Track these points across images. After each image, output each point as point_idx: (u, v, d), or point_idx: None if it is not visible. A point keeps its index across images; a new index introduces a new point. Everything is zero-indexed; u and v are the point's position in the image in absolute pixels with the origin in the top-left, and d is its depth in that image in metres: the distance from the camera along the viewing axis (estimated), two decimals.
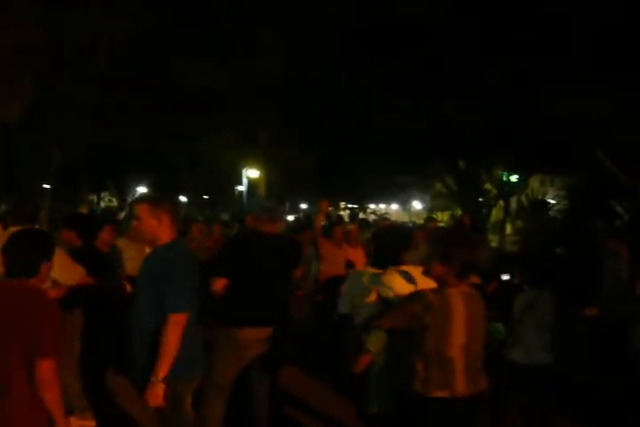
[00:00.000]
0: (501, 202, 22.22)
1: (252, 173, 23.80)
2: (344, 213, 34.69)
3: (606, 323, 4.94)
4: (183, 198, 28.78)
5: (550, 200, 22.91)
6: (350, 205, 42.61)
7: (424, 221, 10.95)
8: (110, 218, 14.50)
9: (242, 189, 25.72)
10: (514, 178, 20.70)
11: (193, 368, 3.04)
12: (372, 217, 30.75)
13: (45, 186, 20.24)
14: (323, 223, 6.90)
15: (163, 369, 2.81)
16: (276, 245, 4.02)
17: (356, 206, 41.21)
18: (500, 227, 22.04)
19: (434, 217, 14.23)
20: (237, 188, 27.43)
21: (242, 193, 25.80)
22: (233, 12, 14.64)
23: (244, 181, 24.57)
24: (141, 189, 26.61)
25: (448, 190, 23.12)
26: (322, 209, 6.63)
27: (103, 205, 34.24)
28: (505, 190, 21.20)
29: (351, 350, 3.34)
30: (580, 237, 9.78)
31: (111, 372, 5.23)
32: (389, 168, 22.67)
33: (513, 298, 4.08)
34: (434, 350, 2.65)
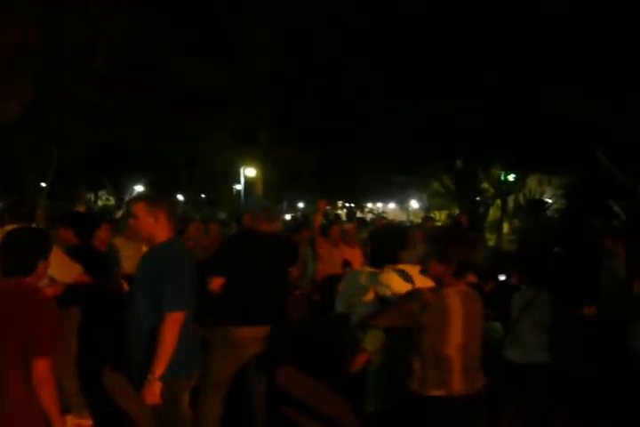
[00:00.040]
0: (499, 201, 22.26)
1: (249, 171, 23.77)
2: (341, 212, 34.73)
3: (604, 322, 4.95)
4: (180, 197, 28.74)
5: (548, 199, 22.95)
6: (348, 204, 42.61)
7: (422, 221, 10.97)
8: (107, 217, 14.50)
9: (239, 188, 25.71)
10: (511, 177, 20.77)
11: (190, 367, 3.04)
12: (370, 216, 30.80)
13: (42, 184, 20.21)
14: (321, 222, 6.89)
15: (160, 367, 2.81)
16: (274, 244, 4.02)
17: (353, 205, 41.21)
18: (498, 226, 22.08)
19: (431, 216, 14.24)
20: (235, 187, 27.41)
21: (239, 192, 25.79)
22: (233, 12, 14.64)
23: (241, 179, 24.55)
24: (139, 188, 26.59)
25: (445, 189, 23.14)
26: (320, 208, 6.62)
27: (100, 203, 34.22)
28: (502, 189, 21.25)
29: (348, 349, 3.34)
30: (578, 236, 9.79)
31: (108, 370, 5.23)
32: (388, 168, 22.67)
33: (510, 297, 4.09)
34: (431, 349, 2.65)
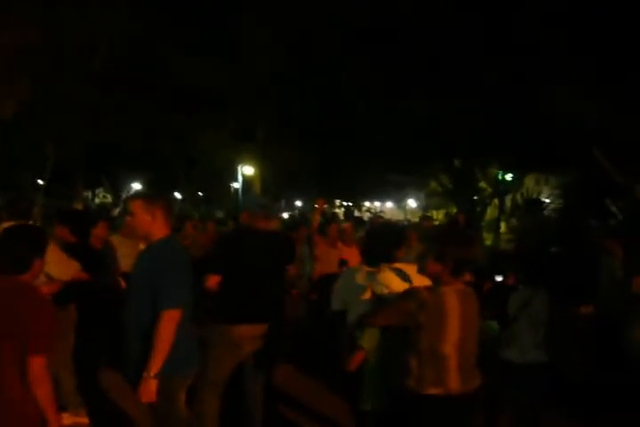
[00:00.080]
0: (496, 200, 22.28)
1: (247, 170, 23.75)
2: (339, 211, 34.74)
3: (602, 321, 4.96)
4: (178, 195, 28.71)
5: (545, 199, 22.97)
6: (346, 203, 42.58)
7: (419, 220, 10.98)
8: (105, 214, 14.47)
9: (237, 187, 25.68)
10: (509, 176, 20.79)
11: (187, 365, 3.03)
12: (367, 215, 30.80)
13: (40, 182, 20.16)
14: (319, 221, 6.89)
15: (156, 365, 2.80)
16: (271, 242, 4.01)
17: (351, 204, 41.18)
18: (495, 225, 22.10)
19: (429, 215, 14.24)
20: (233, 185, 27.39)
21: (237, 190, 25.76)
22: (233, 12, 14.62)
23: (239, 178, 24.53)
24: (136, 186, 26.55)
25: (443, 189, 23.15)
26: (317, 208, 6.63)
27: (98, 201, 34.16)
28: (500, 189, 21.28)
29: (345, 347, 3.33)
30: (575, 236, 9.81)
31: (105, 368, 5.22)
32: (386, 167, 22.68)
33: (507, 297, 4.08)
34: (428, 348, 2.65)
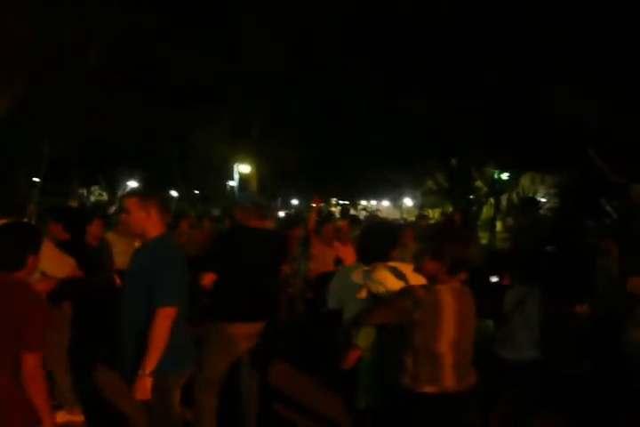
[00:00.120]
0: (492, 199, 22.31)
1: (243, 168, 23.71)
2: (335, 210, 34.71)
3: (598, 320, 4.98)
4: (174, 193, 28.66)
5: (541, 198, 23.01)
6: (342, 202, 42.56)
7: (416, 219, 10.99)
8: (100, 212, 14.44)
9: (233, 185, 25.64)
10: (505, 176, 20.82)
11: (182, 363, 3.03)
12: (364, 214, 30.80)
13: (35, 179, 20.09)
14: (315, 221, 6.88)
15: (151, 363, 2.80)
16: (266, 240, 4.01)
17: (347, 203, 41.16)
18: (491, 224, 22.10)
19: (425, 214, 14.26)
20: (229, 183, 27.35)
21: (233, 188, 25.72)
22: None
23: (235, 176, 24.49)
24: (132, 184, 26.48)
25: (439, 188, 23.16)
26: (313, 207, 6.62)
27: (93, 199, 34.07)
28: (496, 188, 21.31)
29: (340, 346, 3.33)
30: (571, 235, 9.82)
31: (101, 366, 5.22)
32: (382, 165, 22.68)
33: (502, 295, 4.09)
34: (423, 346, 2.65)
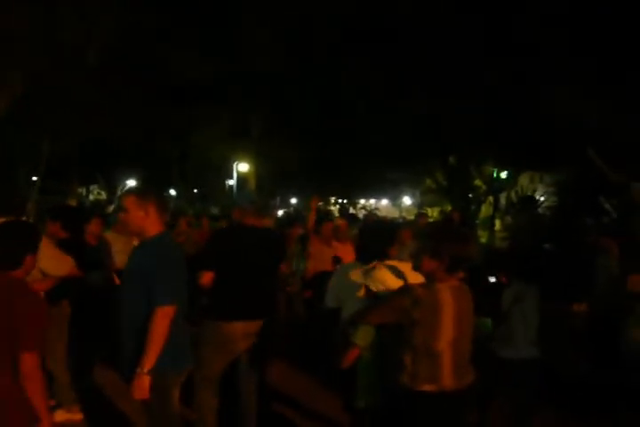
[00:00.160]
0: (491, 198, 22.31)
1: (242, 167, 23.72)
2: (334, 209, 34.69)
3: (597, 318, 4.98)
4: (173, 192, 28.64)
5: (540, 197, 23.01)
6: (341, 201, 42.55)
7: (415, 217, 10.99)
8: (99, 211, 14.44)
9: (232, 184, 25.65)
10: (503, 174, 20.83)
11: (180, 362, 3.02)
12: (362, 212, 30.79)
13: (34, 178, 20.06)
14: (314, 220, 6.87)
15: (149, 361, 2.79)
16: (264, 239, 4.00)
17: (346, 202, 41.14)
18: (490, 223, 22.12)
19: (425, 213, 14.25)
20: (228, 182, 27.35)
21: (232, 187, 25.73)
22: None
23: (234, 175, 24.50)
24: (131, 183, 26.46)
25: (438, 186, 23.16)
26: (312, 206, 6.61)
27: (92, 198, 34.05)
28: (494, 186, 21.31)
29: (339, 345, 3.33)
30: (570, 233, 9.81)
31: (99, 365, 5.21)
32: (382, 165, 22.66)
33: (500, 293, 4.08)
34: (422, 345, 2.65)
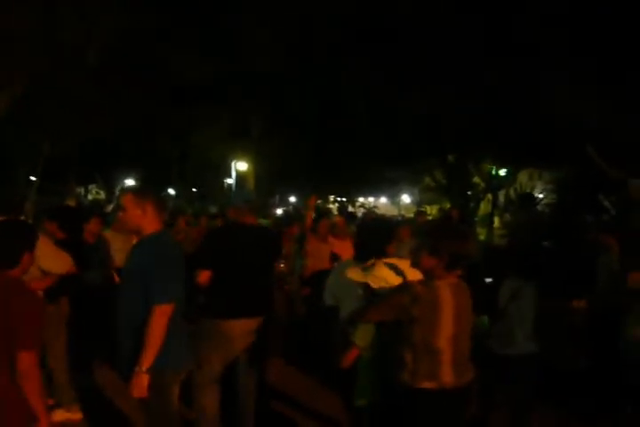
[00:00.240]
0: (490, 195, 22.33)
1: (241, 165, 23.70)
2: (333, 207, 34.69)
3: (597, 315, 4.98)
4: (172, 191, 28.64)
5: (539, 194, 23.02)
6: (339, 199, 42.56)
7: (414, 215, 11.00)
8: (97, 210, 14.43)
9: (231, 182, 25.64)
10: (502, 172, 20.84)
11: (179, 360, 3.02)
12: (361, 210, 30.80)
13: (33, 179, 20.04)
14: (312, 218, 6.86)
15: (147, 360, 2.79)
16: (259, 237, 4.00)
17: (344, 200, 41.16)
18: (489, 220, 22.14)
19: (424, 210, 14.26)
20: (226, 181, 27.34)
21: (231, 186, 25.71)
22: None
23: (232, 173, 24.49)
24: (130, 182, 26.44)
25: (437, 184, 23.17)
26: (310, 205, 6.60)
27: (91, 197, 34.03)
28: (493, 184, 21.33)
29: (338, 344, 3.33)
30: (569, 231, 9.80)
31: (98, 364, 5.21)
32: (380, 163, 22.66)
33: (497, 290, 4.08)
34: (422, 342, 2.64)
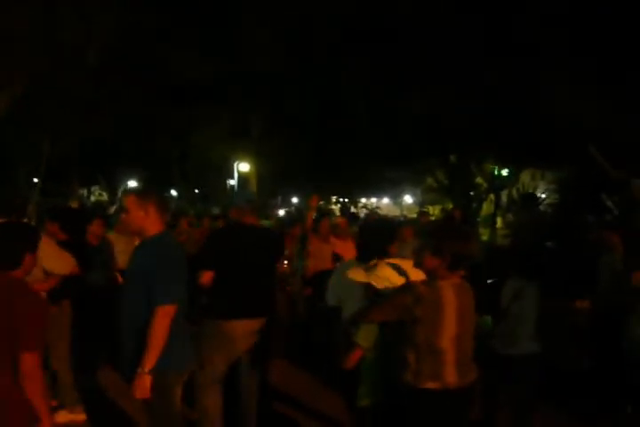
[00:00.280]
0: (492, 196, 22.30)
1: (243, 166, 23.70)
2: (335, 208, 34.71)
3: (600, 315, 4.97)
4: (174, 193, 28.64)
5: (541, 194, 22.99)
6: (342, 199, 42.54)
7: (417, 215, 10.99)
8: (100, 212, 14.45)
9: (233, 183, 25.63)
10: (504, 172, 20.81)
11: (181, 361, 3.02)
12: (364, 211, 30.80)
13: (35, 180, 20.06)
14: (313, 218, 6.86)
15: (150, 361, 2.79)
16: (261, 237, 4.00)
17: (347, 200, 41.13)
18: (491, 221, 22.11)
19: (426, 211, 14.26)
20: (229, 182, 27.34)
21: (233, 187, 25.71)
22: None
23: (235, 175, 24.48)
24: (132, 184, 26.45)
25: (439, 184, 23.15)
26: (312, 205, 6.60)
27: (93, 199, 34.07)
28: (496, 184, 21.30)
29: (341, 344, 3.32)
30: (572, 231, 9.80)
31: (101, 365, 5.21)
32: (382, 164, 22.64)
33: (499, 290, 4.07)
34: (425, 342, 2.64)
